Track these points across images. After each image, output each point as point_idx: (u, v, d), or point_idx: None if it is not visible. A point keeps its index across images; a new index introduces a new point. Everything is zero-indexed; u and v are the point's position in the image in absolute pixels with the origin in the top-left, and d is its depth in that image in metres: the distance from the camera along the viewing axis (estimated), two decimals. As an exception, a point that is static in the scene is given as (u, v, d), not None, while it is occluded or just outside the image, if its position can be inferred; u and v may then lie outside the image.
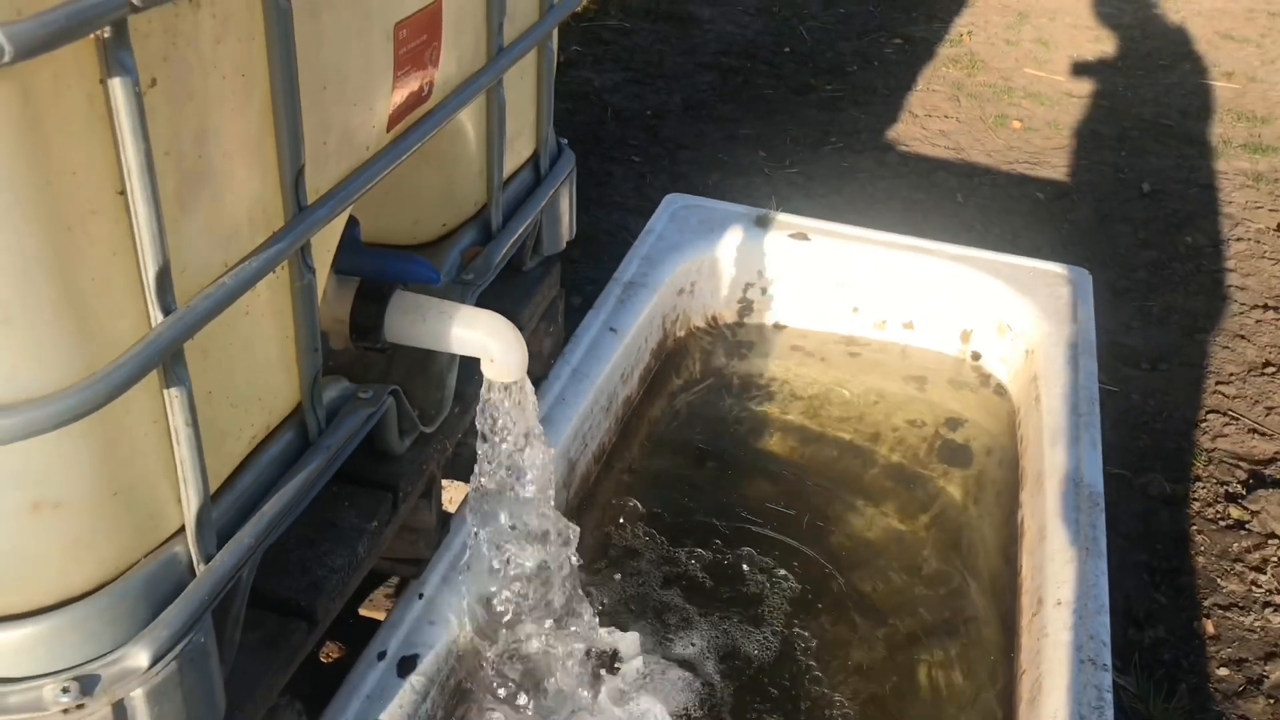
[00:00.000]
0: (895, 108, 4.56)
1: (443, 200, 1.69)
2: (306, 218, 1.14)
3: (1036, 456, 2.04)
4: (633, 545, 2.05)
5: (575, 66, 4.61)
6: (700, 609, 1.93)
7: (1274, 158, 4.29)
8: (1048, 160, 4.22)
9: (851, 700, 1.81)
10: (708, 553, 2.05)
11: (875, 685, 1.83)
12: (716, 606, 1.94)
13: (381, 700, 1.51)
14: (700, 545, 2.06)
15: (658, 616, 1.92)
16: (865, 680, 1.84)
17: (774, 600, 1.96)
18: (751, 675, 1.83)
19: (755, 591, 1.98)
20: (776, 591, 1.98)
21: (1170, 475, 2.72)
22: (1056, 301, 2.38)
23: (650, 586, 1.97)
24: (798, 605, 1.96)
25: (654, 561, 2.02)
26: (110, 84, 0.84)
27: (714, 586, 1.98)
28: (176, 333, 0.96)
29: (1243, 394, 3.02)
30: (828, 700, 1.80)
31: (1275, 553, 2.52)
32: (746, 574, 2.01)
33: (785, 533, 2.10)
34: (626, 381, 2.30)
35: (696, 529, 2.10)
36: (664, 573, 2.00)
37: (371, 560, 1.47)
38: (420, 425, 1.55)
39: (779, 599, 1.97)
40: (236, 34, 0.98)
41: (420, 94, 1.38)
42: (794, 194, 3.81)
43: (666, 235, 2.53)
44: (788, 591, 1.98)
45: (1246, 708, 2.18)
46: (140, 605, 1.04)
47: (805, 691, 1.81)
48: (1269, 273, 3.56)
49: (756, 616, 1.93)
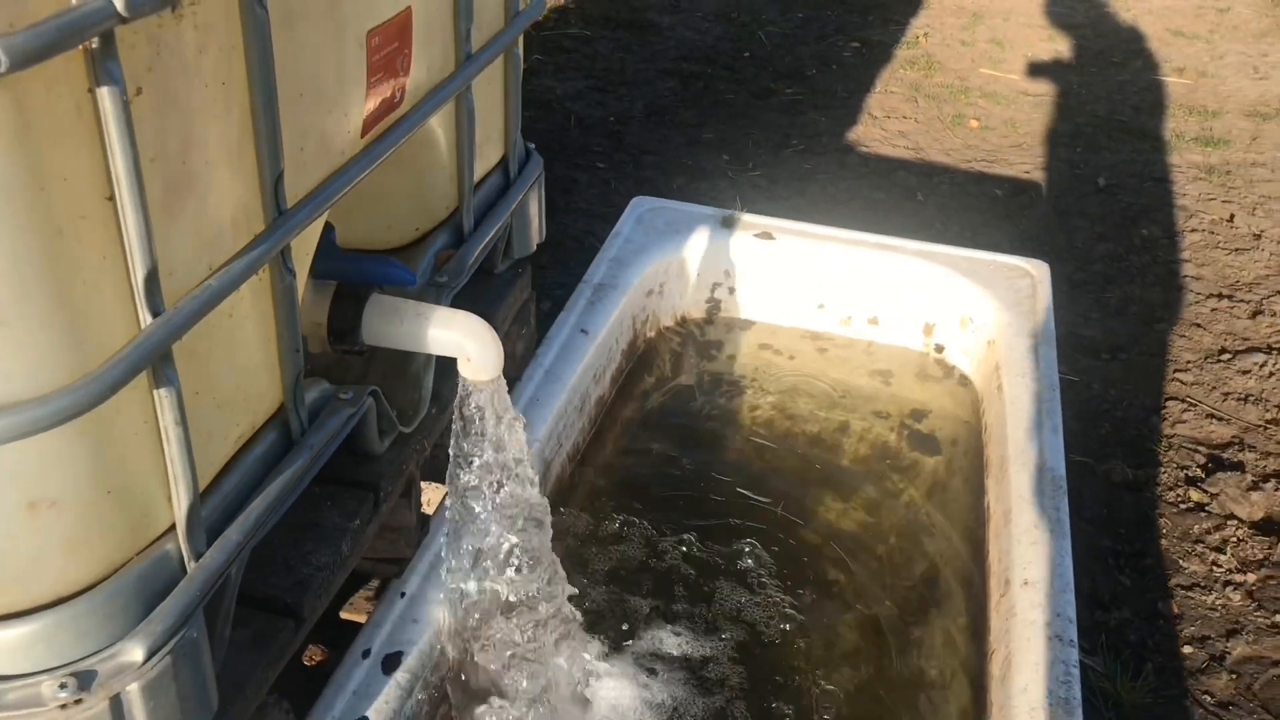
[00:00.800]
0: (855, 110, 4.62)
1: (415, 204, 1.72)
2: (286, 221, 1.17)
3: (1000, 443, 2.10)
4: (610, 541, 2.09)
5: (537, 75, 4.65)
6: (677, 600, 1.97)
7: (1226, 151, 4.38)
8: (1005, 158, 4.29)
9: (826, 685, 1.85)
10: (683, 546, 2.08)
11: (850, 670, 1.87)
12: (693, 598, 1.98)
13: (368, 697, 1.54)
14: (675, 539, 2.10)
15: (636, 609, 1.95)
16: (840, 665, 1.88)
17: (749, 590, 2.00)
18: (728, 664, 1.87)
19: (731, 582, 2.01)
20: (751, 581, 2.02)
21: (1131, 461, 2.79)
22: (1016, 293, 2.44)
23: (628, 580, 2.01)
24: (772, 595, 2.00)
25: (631, 556, 2.06)
26: (99, 93, 0.87)
27: (690, 578, 2.02)
28: (165, 334, 0.99)
29: (1200, 381, 3.09)
30: (803, 686, 1.84)
31: (1235, 533, 2.59)
32: (722, 565, 2.05)
33: (759, 525, 2.14)
34: (599, 382, 2.34)
35: (672, 523, 2.13)
36: (641, 566, 2.04)
37: (355, 558, 1.50)
38: (399, 425, 1.58)
39: (754, 589, 2.00)
40: (217, 44, 1.02)
41: (393, 100, 1.42)
42: (757, 196, 3.86)
43: (634, 237, 2.57)
44: (762, 581, 2.02)
45: (1210, 684, 2.24)
46: (134, 602, 1.06)
47: (781, 678, 1.85)
48: (1223, 262, 3.64)
49: (732, 606, 1.97)
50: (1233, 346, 3.23)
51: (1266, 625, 2.36)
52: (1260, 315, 3.37)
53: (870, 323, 2.63)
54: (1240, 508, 2.66)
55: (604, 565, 2.04)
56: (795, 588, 2.02)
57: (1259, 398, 3.03)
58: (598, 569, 2.03)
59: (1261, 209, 3.96)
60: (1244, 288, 3.51)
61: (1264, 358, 3.18)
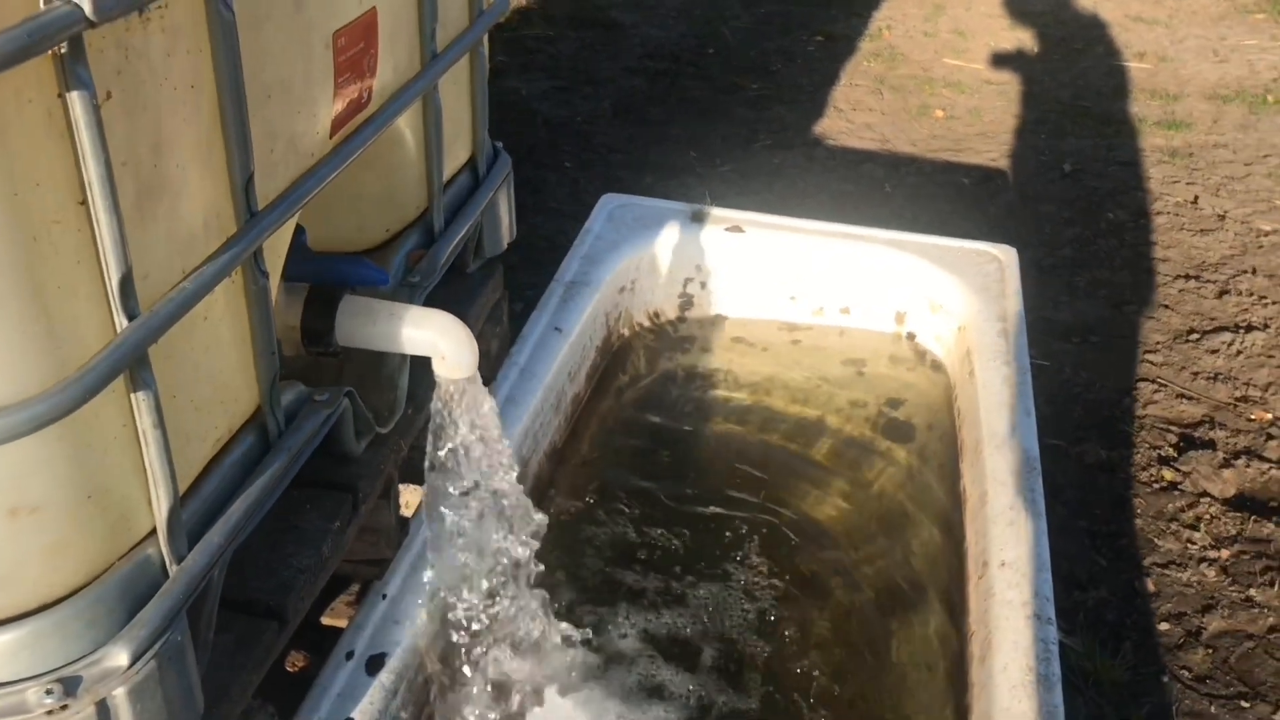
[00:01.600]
0: (820, 103, 4.64)
1: (385, 205, 1.72)
2: (258, 223, 1.17)
3: (974, 427, 2.12)
4: (589, 536, 2.10)
5: (502, 76, 4.65)
6: (658, 593, 1.98)
7: (1188, 133, 4.43)
8: (971, 147, 4.32)
9: (808, 670, 1.86)
10: (663, 539, 2.09)
11: (831, 654, 1.89)
12: (674, 590, 1.99)
13: (352, 699, 1.54)
14: (655, 532, 2.11)
15: (617, 602, 1.96)
16: (821, 650, 1.89)
17: (730, 580, 2.01)
18: (710, 653, 1.88)
19: (712, 573, 2.02)
20: (732, 571, 2.03)
21: (1105, 443, 2.82)
22: (985, 278, 2.46)
23: (608, 574, 2.01)
24: (753, 583, 2.01)
25: (611, 550, 2.07)
26: (69, 98, 0.87)
27: (670, 570, 2.03)
28: (141, 337, 0.99)
29: (1169, 361, 3.12)
30: (785, 671, 1.86)
31: (1208, 510, 2.62)
32: (702, 557, 2.06)
33: (738, 516, 2.16)
34: (574, 379, 2.35)
35: (651, 517, 2.14)
36: (621, 560, 2.05)
37: (336, 560, 1.50)
38: (376, 426, 1.58)
39: (734, 579, 2.02)
40: (185, 47, 1.02)
41: (360, 100, 1.42)
42: (727, 191, 3.88)
43: (605, 234, 2.58)
44: (743, 571, 2.03)
45: (1187, 659, 2.27)
46: (118, 606, 1.06)
47: (763, 665, 1.87)
48: (1189, 244, 3.68)
49: (713, 597, 1.98)
50: (1201, 326, 3.27)
51: (1241, 599, 2.39)
52: (1226, 295, 3.41)
53: (842, 312, 2.65)
54: (1213, 485, 2.69)
55: (584, 560, 2.04)
56: (776, 576, 2.03)
57: (1228, 376, 3.06)
58: (578, 564, 2.03)
59: (1224, 190, 4.01)
60: (1210, 268, 3.55)
61: (1231, 336, 3.21)
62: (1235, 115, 4.60)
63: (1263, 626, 2.33)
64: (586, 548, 2.07)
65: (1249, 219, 3.83)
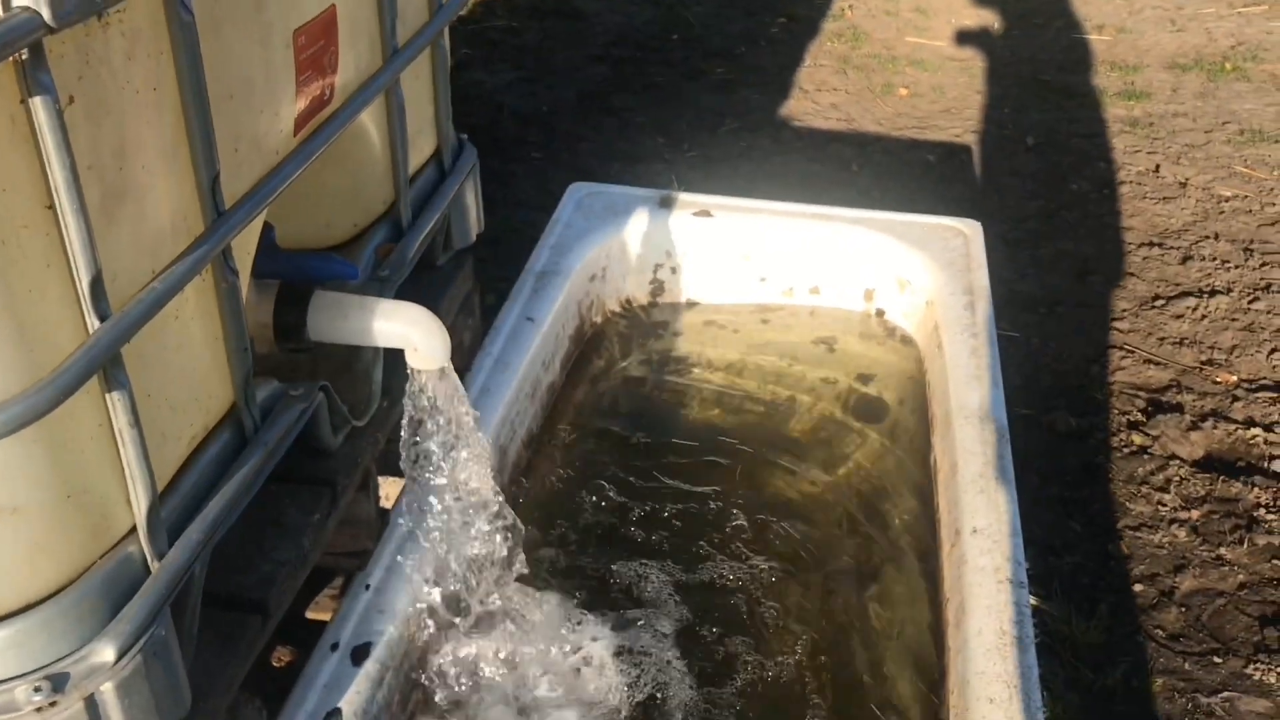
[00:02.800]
0: (786, 85, 4.67)
1: (352, 200, 1.74)
2: (225, 222, 1.19)
3: (943, 399, 2.15)
4: (570, 520, 2.12)
5: (466, 69, 4.65)
6: (639, 573, 2.00)
7: (1148, 103, 4.47)
8: (935, 124, 4.35)
9: (789, 641, 1.89)
10: (642, 521, 2.12)
11: (811, 626, 1.92)
12: (655, 569, 2.01)
13: (339, 689, 1.56)
14: (633, 515, 2.13)
15: (599, 585, 1.99)
16: (801, 622, 1.92)
17: (709, 558, 2.04)
18: (691, 630, 1.90)
19: (692, 551, 2.05)
20: (712, 550, 2.06)
21: (1074, 411, 2.86)
22: (950, 253, 2.49)
23: (590, 558, 2.04)
24: (733, 560, 2.04)
25: (591, 534, 2.09)
26: (32, 103, 0.89)
27: (651, 550, 2.05)
28: (113, 337, 1.01)
29: (1136, 328, 3.17)
30: (765, 644, 1.89)
31: (1177, 473, 2.66)
32: (682, 537, 2.08)
33: (716, 495, 2.18)
34: (548, 368, 2.36)
35: (629, 500, 2.17)
36: (601, 542, 2.07)
37: (317, 553, 1.52)
38: (351, 420, 1.60)
39: (714, 556, 2.04)
40: (146, 50, 1.03)
41: (323, 98, 1.43)
42: (695, 176, 3.90)
43: (573, 223, 2.60)
44: (723, 548, 2.06)
45: (1161, 618, 2.31)
46: (102, 604, 1.08)
47: (743, 638, 1.89)
48: (1152, 211, 3.73)
49: (694, 574, 2.01)
50: (1165, 292, 3.32)
51: (1211, 558, 2.44)
52: (1190, 260, 3.46)
53: (812, 292, 2.68)
54: (1181, 448, 2.74)
55: (564, 544, 2.07)
56: (755, 552, 2.06)
57: (1193, 340, 3.11)
58: (558, 547, 2.06)
59: (1185, 158, 4.06)
60: (1173, 235, 3.59)
61: (1196, 301, 3.26)
62: (1194, 84, 4.64)
63: (1233, 584, 2.38)
64: (567, 533, 2.09)
65: (1210, 185, 3.87)
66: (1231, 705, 2.14)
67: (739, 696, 1.81)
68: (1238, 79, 4.68)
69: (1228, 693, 2.16)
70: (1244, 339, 3.11)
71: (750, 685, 1.83)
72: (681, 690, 1.82)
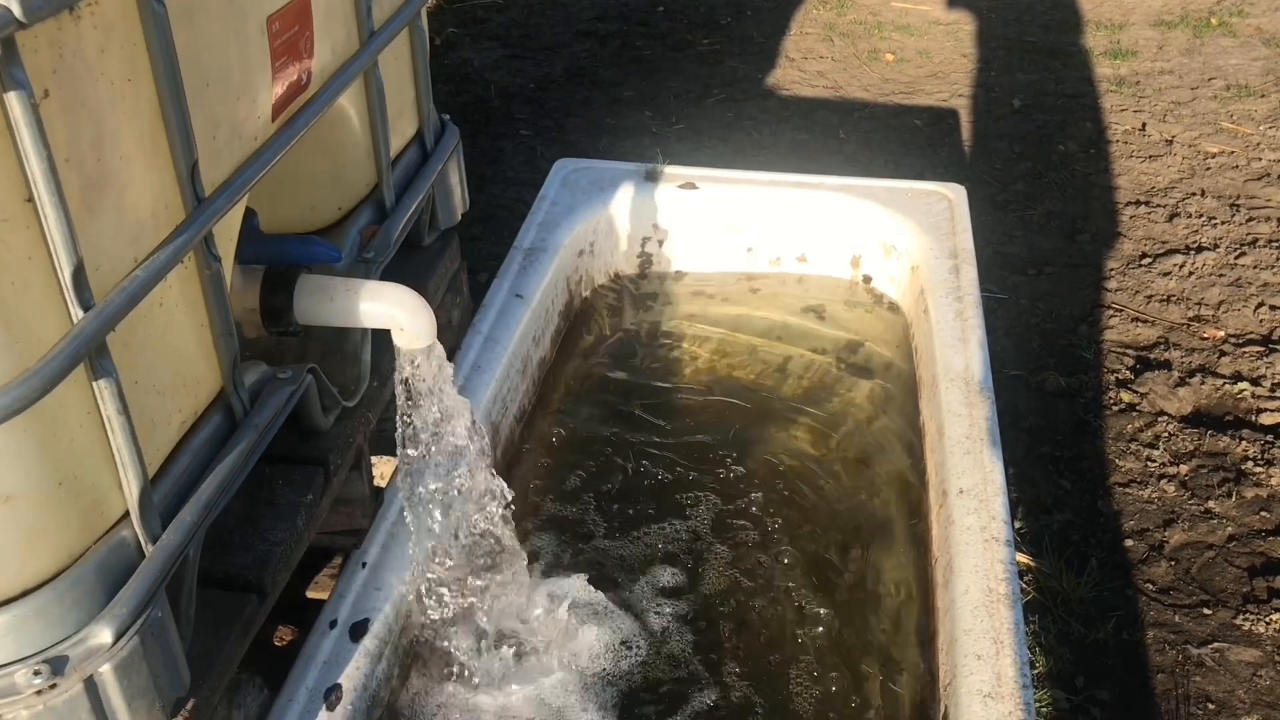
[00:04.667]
0: (772, 54, 4.67)
1: (335, 184, 1.75)
2: (206, 209, 1.21)
3: (930, 363, 2.17)
4: (564, 493, 2.14)
5: (454, 49, 4.65)
6: (634, 543, 2.03)
7: (1134, 62, 4.47)
8: (922, 88, 4.36)
9: (780, 604, 1.92)
10: (636, 491, 2.14)
11: (802, 588, 1.94)
12: (649, 539, 2.04)
13: (338, 665, 1.59)
14: (629, 484, 2.16)
15: (595, 556, 2.01)
16: (794, 586, 1.95)
17: (704, 526, 2.07)
18: (687, 597, 1.93)
19: (686, 521, 2.08)
20: (705, 518, 2.08)
21: (1064, 370, 2.88)
22: (935, 217, 2.51)
23: (584, 529, 2.06)
24: (726, 523, 2.06)
25: (586, 506, 2.11)
26: (6, 99, 0.90)
27: (647, 517, 2.08)
28: (97, 326, 1.03)
29: (1124, 286, 3.18)
30: (758, 605, 1.91)
31: (1166, 429, 2.69)
32: (676, 506, 2.11)
33: (710, 465, 2.21)
34: (539, 344, 2.38)
35: (623, 470, 2.19)
36: (596, 515, 2.09)
37: (311, 532, 1.54)
38: (342, 400, 1.62)
39: (708, 525, 2.07)
40: (119, 42, 1.05)
41: (300, 83, 1.45)
42: (683, 148, 3.91)
43: (560, 199, 2.61)
44: (716, 517, 2.09)
45: (1150, 572, 2.34)
46: (98, 587, 1.10)
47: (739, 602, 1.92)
48: (1138, 170, 3.74)
49: (688, 543, 2.03)
50: (1153, 250, 3.33)
51: (1200, 512, 2.46)
52: (1177, 218, 3.47)
53: (799, 260, 2.70)
54: (1169, 404, 2.76)
55: (558, 517, 2.09)
56: (749, 519, 2.08)
57: (1180, 297, 3.13)
58: (553, 520, 2.08)
59: (1171, 115, 4.06)
60: (1159, 193, 3.60)
61: (1183, 258, 3.28)
62: (1180, 41, 4.64)
63: (1222, 536, 2.40)
64: (559, 504, 2.12)
65: (1196, 142, 3.88)
66: (1221, 655, 2.17)
67: (727, 652, 1.83)
68: (1223, 34, 4.68)
69: (1218, 643, 2.19)
70: (1231, 294, 3.13)
71: (738, 642, 1.85)
72: (669, 644, 1.85)
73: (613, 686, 1.79)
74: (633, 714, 1.75)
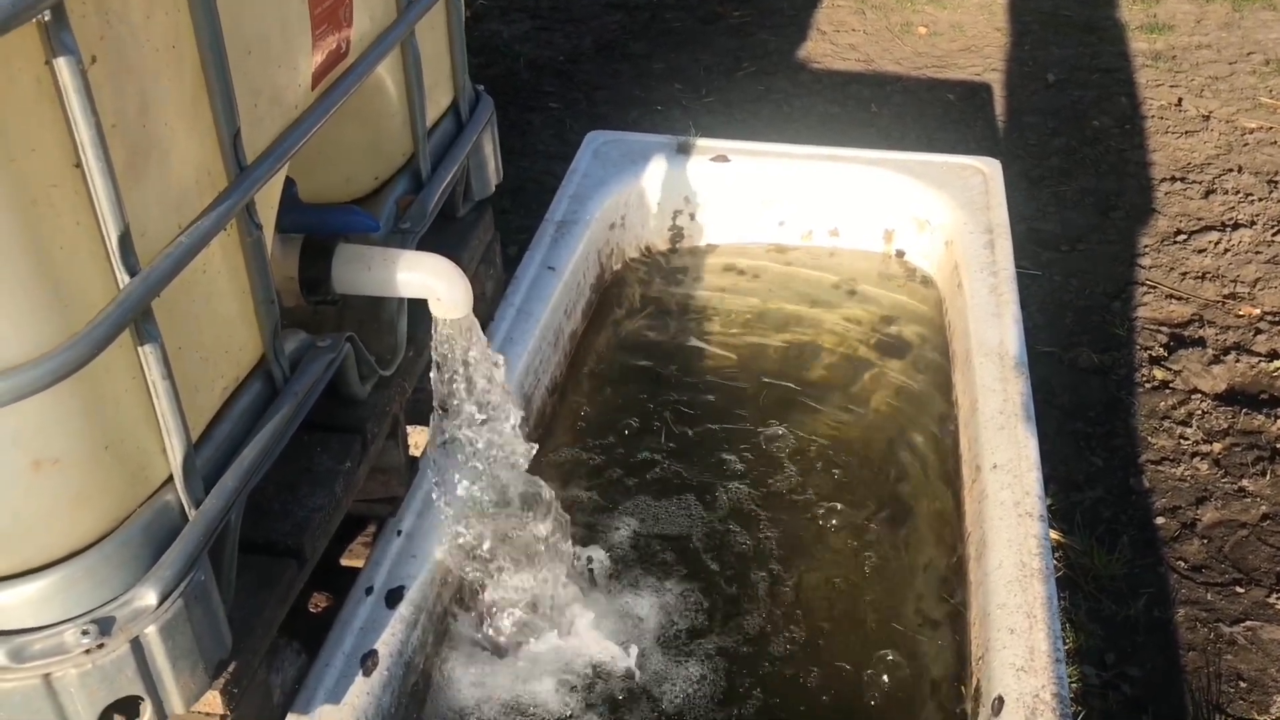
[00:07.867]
0: (803, 27, 4.63)
1: (372, 153, 1.76)
2: (248, 176, 1.21)
3: (964, 338, 2.16)
4: (597, 464, 2.15)
5: (482, 20, 4.64)
6: (667, 515, 2.04)
7: (1170, 36, 4.42)
8: (955, 62, 4.32)
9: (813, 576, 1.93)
10: (668, 464, 2.15)
11: (836, 560, 1.95)
12: (682, 512, 2.05)
13: (374, 631, 1.61)
14: (660, 456, 2.16)
15: (627, 525, 2.02)
16: (827, 559, 1.95)
17: (737, 499, 2.07)
18: (721, 571, 1.94)
19: (718, 494, 2.08)
20: (738, 492, 2.09)
21: (1097, 347, 2.86)
22: (969, 191, 2.49)
23: (616, 499, 2.07)
24: (761, 501, 2.07)
25: (617, 476, 2.12)
26: (56, 64, 0.91)
27: (678, 493, 2.09)
28: (143, 292, 1.04)
29: (1158, 263, 3.16)
30: (790, 578, 1.92)
31: (1199, 406, 2.67)
32: (708, 480, 2.11)
33: (741, 439, 2.21)
34: (570, 316, 2.39)
35: (655, 443, 2.20)
36: (629, 486, 2.10)
37: (349, 499, 1.55)
38: (378, 370, 1.63)
39: (741, 498, 2.07)
40: (164, 8, 1.05)
41: (339, 51, 1.45)
42: (713, 121, 3.89)
43: (592, 172, 2.61)
44: (749, 490, 2.09)
45: (1182, 550, 2.33)
46: (143, 550, 1.12)
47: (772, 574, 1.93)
48: (1174, 146, 3.70)
49: (722, 518, 2.04)
50: (1188, 227, 3.30)
51: (1234, 490, 2.45)
52: (1212, 194, 3.44)
53: (831, 234, 2.69)
54: (1203, 381, 2.74)
55: (591, 487, 2.10)
56: (781, 491, 2.09)
57: (1215, 274, 3.10)
58: (586, 491, 2.09)
59: (1209, 90, 4.02)
60: (1195, 169, 3.57)
61: (1218, 235, 3.25)
62: (1219, 14, 4.59)
63: (1255, 515, 2.39)
64: (592, 475, 2.13)
65: (1233, 118, 3.84)
66: (1254, 634, 2.16)
67: (759, 626, 1.84)
68: (1264, 8, 4.62)
69: (1250, 622, 2.18)
70: (1267, 271, 3.10)
71: (770, 614, 1.86)
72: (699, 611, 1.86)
73: (647, 655, 1.80)
74: (665, 676, 1.76)
